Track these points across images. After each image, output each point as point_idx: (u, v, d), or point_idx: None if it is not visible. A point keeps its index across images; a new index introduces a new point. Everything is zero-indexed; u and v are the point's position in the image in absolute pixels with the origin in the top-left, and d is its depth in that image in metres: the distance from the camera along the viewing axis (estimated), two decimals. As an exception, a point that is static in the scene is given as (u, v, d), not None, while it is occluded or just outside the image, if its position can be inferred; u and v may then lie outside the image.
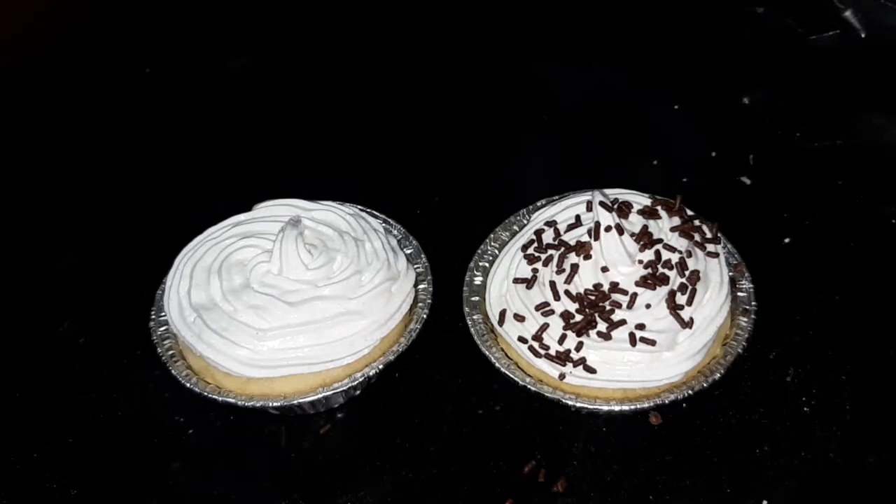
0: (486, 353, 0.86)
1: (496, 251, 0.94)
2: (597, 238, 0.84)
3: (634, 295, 0.82)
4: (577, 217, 0.89)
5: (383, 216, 0.97)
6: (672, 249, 0.84)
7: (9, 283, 1.04)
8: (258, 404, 0.83)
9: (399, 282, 0.89)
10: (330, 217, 0.91)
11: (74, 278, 1.03)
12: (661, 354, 0.81)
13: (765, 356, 0.89)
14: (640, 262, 0.84)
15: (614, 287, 0.83)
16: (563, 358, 0.81)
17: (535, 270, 0.86)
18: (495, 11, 1.36)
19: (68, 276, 1.03)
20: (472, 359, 0.87)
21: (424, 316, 0.89)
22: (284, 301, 0.84)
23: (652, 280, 0.82)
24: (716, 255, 0.86)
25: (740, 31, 1.28)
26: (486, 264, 0.93)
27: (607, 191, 0.91)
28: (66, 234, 1.09)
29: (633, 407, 0.81)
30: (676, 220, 0.87)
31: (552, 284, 0.84)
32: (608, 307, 0.82)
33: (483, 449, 0.85)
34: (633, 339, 0.81)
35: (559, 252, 0.86)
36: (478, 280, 0.92)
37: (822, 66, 1.20)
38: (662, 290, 0.82)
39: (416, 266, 0.93)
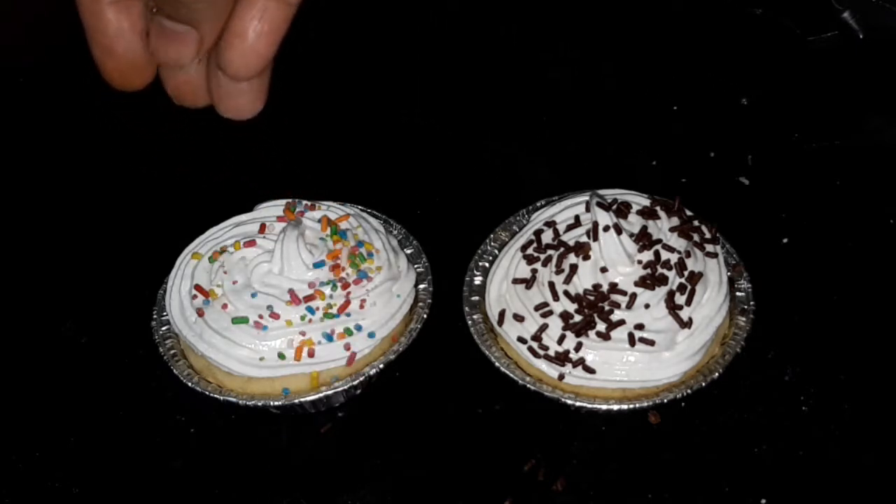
0: (486, 352, 0.86)
1: (496, 251, 0.94)
2: (595, 238, 0.84)
3: (633, 295, 0.83)
4: (577, 217, 0.90)
5: (384, 216, 0.98)
6: (671, 250, 0.85)
7: (10, 283, 1.04)
8: (259, 403, 0.84)
9: (400, 281, 0.89)
10: (331, 217, 0.91)
11: (76, 278, 1.03)
12: (660, 354, 0.81)
13: (763, 356, 0.89)
14: (640, 262, 0.84)
15: (613, 287, 0.83)
16: (562, 358, 0.82)
17: (534, 271, 0.87)
18: (494, 12, 1.36)
19: (70, 276, 1.03)
20: (472, 359, 0.87)
21: (424, 316, 0.89)
22: (285, 301, 0.84)
23: (651, 280, 0.83)
24: (714, 255, 0.87)
25: (739, 32, 1.28)
26: (486, 264, 0.93)
27: (606, 191, 0.91)
28: (68, 234, 1.09)
29: (632, 406, 0.81)
30: (675, 221, 0.88)
31: (551, 285, 0.85)
32: (607, 307, 0.82)
33: (483, 448, 0.85)
34: (632, 339, 0.81)
35: (558, 252, 0.86)
36: (478, 280, 0.92)
37: (821, 67, 1.20)
38: (661, 291, 0.83)
39: (416, 266, 0.93)
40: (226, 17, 0.50)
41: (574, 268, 0.85)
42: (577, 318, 0.82)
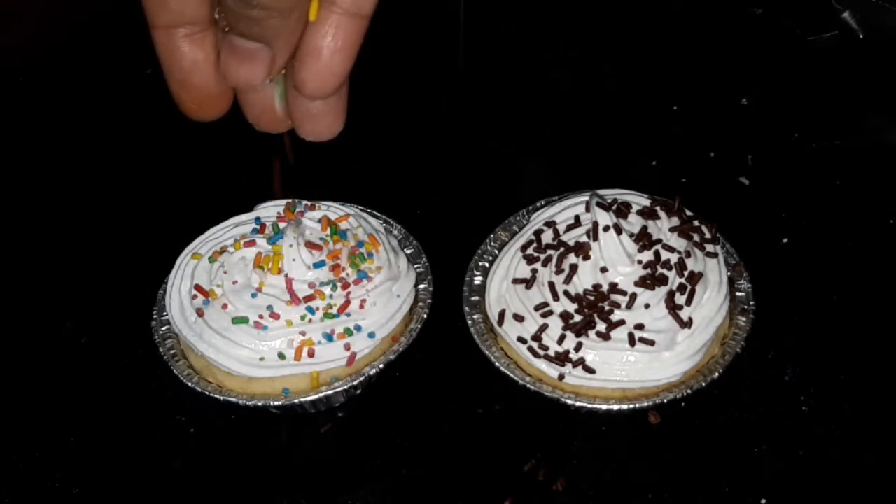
0: (486, 352, 0.86)
1: (496, 251, 0.94)
2: (595, 238, 0.84)
3: (633, 295, 0.83)
4: (577, 217, 0.90)
5: (384, 216, 0.98)
6: (671, 250, 0.85)
7: (10, 283, 1.04)
8: (259, 403, 0.84)
9: (400, 282, 0.89)
10: (331, 217, 0.91)
11: (76, 278, 1.03)
12: (660, 354, 0.81)
13: (763, 356, 0.89)
14: (640, 262, 0.84)
15: (613, 287, 0.83)
16: (562, 358, 0.82)
17: (534, 271, 0.87)
18: (494, 13, 1.36)
19: (70, 276, 1.03)
20: (472, 359, 0.87)
21: (424, 316, 0.89)
22: (285, 300, 0.84)
23: (651, 280, 0.83)
24: (714, 255, 0.87)
25: (739, 32, 1.28)
26: (486, 264, 0.93)
27: (607, 191, 0.91)
28: (68, 234, 1.09)
29: (632, 406, 0.81)
30: (675, 221, 0.88)
31: (551, 285, 0.85)
32: (607, 307, 0.82)
33: (483, 448, 0.85)
34: (632, 340, 0.81)
35: (558, 252, 0.86)
36: (478, 280, 0.92)
37: (821, 67, 1.20)
38: (661, 291, 0.83)
39: (416, 266, 0.93)
40: (300, 33, 0.48)
41: (574, 268, 0.85)
42: (577, 318, 0.82)
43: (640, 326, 0.81)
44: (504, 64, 1.28)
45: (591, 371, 0.81)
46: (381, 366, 0.86)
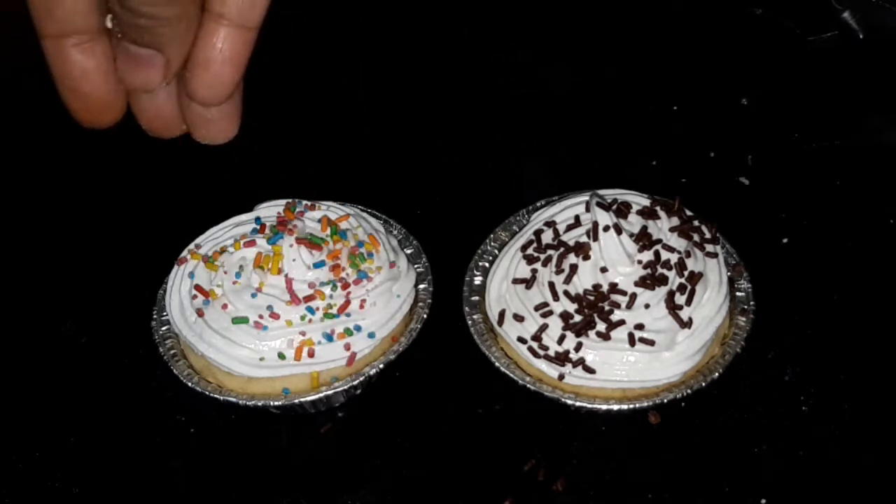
0: (486, 352, 0.86)
1: (496, 251, 0.94)
2: (595, 238, 0.84)
3: (633, 295, 0.83)
4: (577, 217, 0.90)
5: (384, 216, 0.98)
6: (671, 250, 0.85)
7: (10, 283, 1.04)
8: (259, 403, 0.84)
9: (400, 282, 0.89)
10: (331, 217, 0.91)
11: (76, 278, 1.03)
12: (660, 354, 0.81)
13: (763, 356, 0.89)
14: (640, 262, 0.84)
15: (613, 287, 0.83)
16: (562, 358, 0.82)
17: (534, 271, 0.87)
18: (496, 13, 1.36)
19: (70, 276, 1.03)
20: (471, 359, 0.87)
21: (424, 316, 0.89)
22: (285, 300, 0.84)
23: (651, 280, 0.83)
24: (714, 255, 0.87)
25: (739, 32, 1.28)
26: (486, 264, 0.93)
27: (606, 191, 0.91)
28: (68, 234, 1.09)
29: (632, 406, 0.81)
30: (675, 221, 0.88)
31: (551, 285, 0.85)
32: (607, 307, 0.82)
33: (483, 448, 0.85)
34: (632, 340, 0.81)
35: (558, 252, 0.86)
36: (478, 280, 0.92)
37: (821, 67, 1.20)
38: (661, 291, 0.83)
39: (416, 266, 0.93)
40: (192, 38, 0.50)
41: (574, 268, 0.85)
42: (577, 318, 0.82)
43: (640, 326, 0.81)
44: (505, 64, 1.28)
45: (591, 371, 0.81)
46: (381, 366, 0.86)
